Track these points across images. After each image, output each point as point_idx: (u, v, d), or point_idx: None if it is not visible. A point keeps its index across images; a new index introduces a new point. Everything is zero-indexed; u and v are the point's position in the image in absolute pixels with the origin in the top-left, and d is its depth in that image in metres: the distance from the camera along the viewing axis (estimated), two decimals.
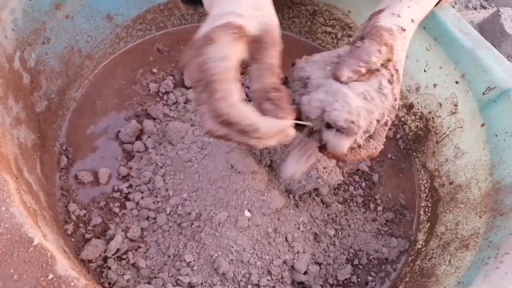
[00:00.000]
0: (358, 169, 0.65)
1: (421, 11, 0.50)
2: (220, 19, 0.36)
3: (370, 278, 0.57)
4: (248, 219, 0.52)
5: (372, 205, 0.62)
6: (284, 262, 0.53)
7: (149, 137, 0.60)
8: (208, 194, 0.53)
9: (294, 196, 0.57)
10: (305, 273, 0.54)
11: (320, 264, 0.55)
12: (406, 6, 0.48)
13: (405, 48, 0.46)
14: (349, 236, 0.59)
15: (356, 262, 0.57)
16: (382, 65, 0.42)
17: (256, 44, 0.37)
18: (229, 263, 0.51)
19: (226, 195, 0.53)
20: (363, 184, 0.64)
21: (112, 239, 0.52)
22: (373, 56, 0.41)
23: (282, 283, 0.52)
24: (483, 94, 0.57)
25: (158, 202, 0.54)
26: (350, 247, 0.58)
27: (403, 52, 0.45)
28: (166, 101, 0.65)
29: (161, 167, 0.57)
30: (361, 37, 0.45)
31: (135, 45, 0.70)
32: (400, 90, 0.45)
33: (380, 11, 0.47)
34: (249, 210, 0.53)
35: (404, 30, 0.45)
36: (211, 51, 0.34)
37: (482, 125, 0.58)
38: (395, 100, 0.43)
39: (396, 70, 0.43)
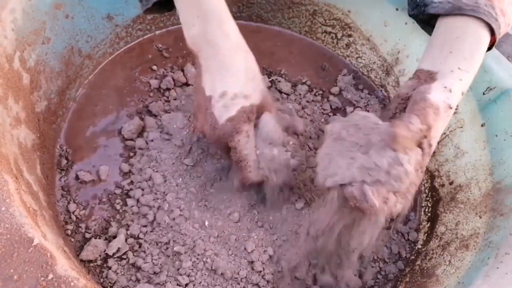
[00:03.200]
0: None
1: (470, 80, 0.46)
2: (232, 105, 0.46)
3: (370, 277, 0.57)
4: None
5: None
6: (286, 262, 0.53)
7: (150, 133, 0.60)
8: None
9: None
10: (306, 272, 0.54)
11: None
12: (458, 79, 0.45)
13: (446, 124, 0.45)
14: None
15: None
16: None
17: (258, 111, 0.48)
18: (229, 263, 0.51)
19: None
20: None
21: (114, 237, 0.52)
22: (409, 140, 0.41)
23: (283, 282, 0.52)
24: (483, 94, 0.57)
25: (158, 199, 0.54)
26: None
27: (442, 128, 0.45)
28: (167, 97, 0.64)
29: (161, 164, 0.57)
30: (404, 105, 0.45)
31: (134, 44, 0.70)
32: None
33: (432, 77, 0.45)
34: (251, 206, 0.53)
35: (451, 108, 0.44)
36: (241, 140, 0.46)
37: (482, 125, 0.58)
38: (421, 173, 0.44)
39: (430, 145, 0.43)
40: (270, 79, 0.70)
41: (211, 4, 0.46)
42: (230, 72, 0.46)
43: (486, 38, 0.46)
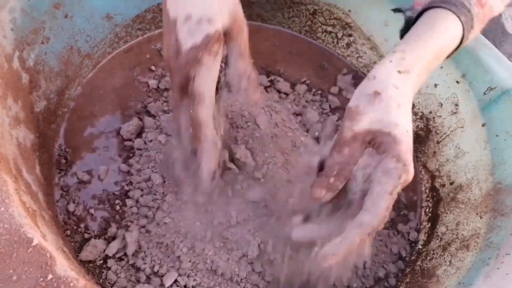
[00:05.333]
0: None
1: (417, 59, 0.42)
2: (197, 31, 0.40)
3: (370, 277, 0.57)
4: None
5: None
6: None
7: (148, 134, 0.60)
8: None
9: None
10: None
11: None
12: (401, 58, 0.41)
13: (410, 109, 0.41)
14: None
15: None
16: None
17: (227, 34, 0.42)
18: (228, 263, 0.51)
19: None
20: None
21: (113, 238, 0.51)
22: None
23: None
24: (484, 94, 0.57)
25: (157, 200, 0.54)
26: None
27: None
28: (166, 97, 0.64)
29: (160, 165, 0.56)
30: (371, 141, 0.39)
31: (133, 44, 0.70)
32: None
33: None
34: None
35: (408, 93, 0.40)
36: (201, 73, 0.41)
37: (483, 125, 0.58)
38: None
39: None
40: (269, 79, 0.70)
41: None
42: None
43: (449, 25, 0.43)
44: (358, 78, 0.74)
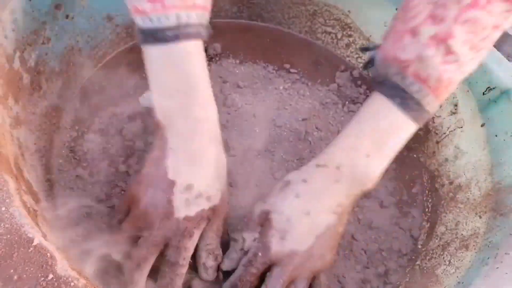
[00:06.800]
0: None
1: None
2: (194, 204, 0.42)
3: (370, 273, 0.57)
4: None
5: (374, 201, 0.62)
6: None
7: (149, 136, 0.60)
8: None
9: None
10: None
11: None
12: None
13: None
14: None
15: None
16: None
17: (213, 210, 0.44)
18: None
19: None
20: None
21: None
22: None
23: None
24: (483, 94, 0.57)
25: None
26: None
27: None
28: None
29: None
30: None
31: (134, 44, 0.70)
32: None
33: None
34: None
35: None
36: (189, 247, 0.42)
37: (482, 125, 0.58)
38: None
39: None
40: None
41: (198, 79, 0.42)
42: (200, 164, 0.42)
43: (384, 110, 0.43)
44: (356, 74, 0.74)
